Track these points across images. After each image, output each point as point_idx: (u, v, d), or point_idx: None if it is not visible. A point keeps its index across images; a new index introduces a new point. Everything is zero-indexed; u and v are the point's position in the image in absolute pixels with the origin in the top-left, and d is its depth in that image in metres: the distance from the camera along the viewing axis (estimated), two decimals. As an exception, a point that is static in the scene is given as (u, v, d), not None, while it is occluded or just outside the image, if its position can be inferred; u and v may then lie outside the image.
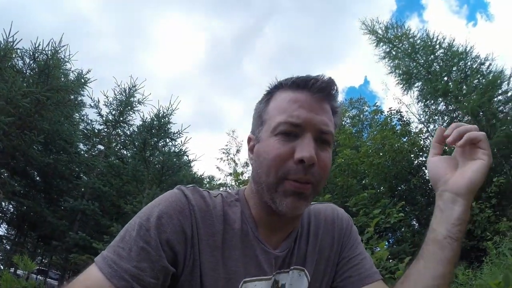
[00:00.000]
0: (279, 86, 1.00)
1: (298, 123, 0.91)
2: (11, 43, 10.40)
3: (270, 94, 1.02)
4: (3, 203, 14.55)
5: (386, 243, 5.83)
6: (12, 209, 15.86)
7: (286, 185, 0.89)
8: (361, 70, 69.45)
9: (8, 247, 17.92)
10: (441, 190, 0.92)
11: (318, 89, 0.94)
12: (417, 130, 14.95)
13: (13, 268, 14.53)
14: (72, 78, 14.46)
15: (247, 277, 0.93)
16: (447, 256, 0.86)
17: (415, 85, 15.52)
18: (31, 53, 12.20)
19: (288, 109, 0.93)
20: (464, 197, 0.87)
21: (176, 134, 13.13)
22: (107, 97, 16.14)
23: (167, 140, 13.40)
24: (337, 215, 1.16)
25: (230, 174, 20.79)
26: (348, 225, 1.16)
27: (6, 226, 18.20)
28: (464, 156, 0.92)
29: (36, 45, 11.97)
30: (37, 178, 15.26)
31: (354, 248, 1.12)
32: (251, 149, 1.04)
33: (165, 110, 12.95)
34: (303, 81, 0.95)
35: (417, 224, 12.64)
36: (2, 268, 14.58)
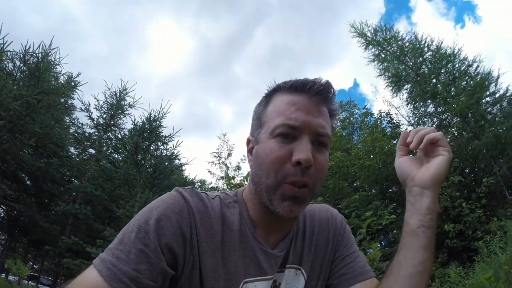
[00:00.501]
0: (278, 89, 1.03)
1: (296, 125, 0.93)
2: (1, 46, 10.30)
3: (268, 96, 1.05)
4: (-7, 208, 14.40)
5: (378, 245, 5.87)
6: (2, 213, 15.64)
7: (285, 188, 0.92)
8: (350, 73, 69.62)
9: (-1, 253, 17.72)
10: (410, 186, 0.99)
11: (316, 92, 0.97)
12: (407, 132, 14.93)
13: (4, 274, 14.38)
14: (63, 81, 14.39)
15: (248, 277, 0.95)
16: (422, 244, 0.92)
17: (404, 88, 15.55)
18: (21, 56, 12.10)
19: (286, 111, 0.96)
20: (431, 189, 0.95)
21: (168, 138, 13.09)
22: (97, 101, 16.00)
23: (159, 143, 13.34)
24: (331, 215, 1.20)
25: (222, 177, 20.71)
26: (342, 224, 1.19)
27: (-4, 232, 17.99)
28: (427, 154, 1.00)
29: (27, 48, 11.90)
30: (28, 182, 15.02)
31: (348, 247, 1.15)
32: (250, 151, 1.07)
33: (156, 114, 12.92)
34: (301, 84, 0.99)
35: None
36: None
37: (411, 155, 1.06)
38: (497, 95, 12.76)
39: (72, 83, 14.14)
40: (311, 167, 0.92)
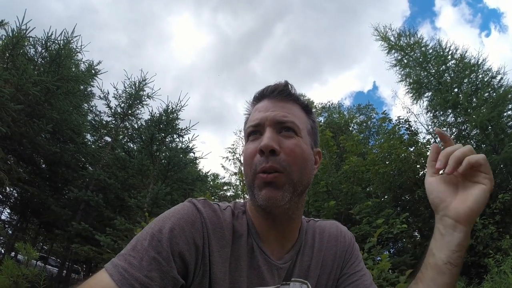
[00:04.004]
0: (250, 108, 1.15)
1: (257, 122, 1.03)
2: (24, 31, 10.42)
3: (246, 118, 1.15)
4: (8, 188, 14.58)
5: (387, 255, 5.81)
6: (16, 194, 15.87)
7: (258, 179, 0.96)
8: (370, 75, 69.13)
9: (10, 232, 18.01)
10: (442, 214, 0.90)
11: (271, 92, 1.07)
12: (424, 141, 14.78)
13: (14, 253, 14.61)
14: (83, 69, 14.55)
15: (250, 287, 0.96)
16: (446, 282, 0.86)
17: (425, 95, 15.44)
18: (43, 42, 12.26)
19: (251, 117, 1.08)
20: (465, 224, 0.86)
21: (184, 131, 13.20)
22: (116, 90, 16.14)
23: (175, 136, 13.45)
24: (341, 232, 1.21)
25: (235, 173, 20.80)
26: (350, 242, 1.21)
27: (9, 211, 18.28)
28: (464, 176, 0.89)
29: (49, 34, 12.03)
30: (43, 166, 15.24)
31: (355, 265, 1.15)
32: None
33: (173, 106, 12.99)
34: (260, 92, 1.11)
35: (419, 236, 12.54)
36: (3, 252, 14.70)
37: (444, 174, 0.92)
38: (519, 109, 12.53)
39: (92, 71, 14.29)
40: (276, 153, 0.96)
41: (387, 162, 13.15)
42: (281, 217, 1.01)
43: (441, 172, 0.92)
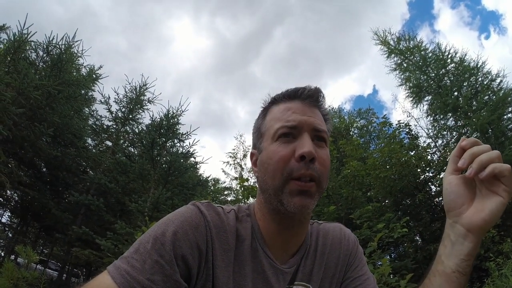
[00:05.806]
0: (273, 101, 1.09)
1: (294, 125, 0.98)
2: (25, 35, 10.43)
3: (265, 109, 1.11)
4: (8, 192, 14.57)
5: (388, 259, 5.81)
6: (16, 198, 15.85)
7: (292, 185, 0.93)
8: (370, 79, 69.02)
9: (11, 235, 18.00)
10: (454, 221, 0.87)
11: (307, 96, 1.04)
12: (425, 145, 14.69)
13: (14, 256, 14.60)
14: (84, 73, 14.55)
15: None
16: None
17: (425, 99, 15.38)
18: (44, 46, 12.27)
19: (283, 116, 1.01)
20: (476, 235, 0.83)
21: (185, 135, 13.17)
22: (117, 94, 16.17)
23: (175, 140, 13.43)
24: (344, 235, 1.19)
25: (236, 178, 20.80)
26: (354, 245, 1.18)
27: (9, 214, 18.27)
28: (483, 184, 0.85)
29: (50, 39, 12.04)
30: (44, 170, 15.21)
31: (359, 268, 1.14)
32: (254, 163, 1.10)
33: (174, 111, 12.99)
34: (293, 91, 1.06)
35: (420, 240, 12.47)
36: (4, 255, 14.71)
37: (464, 174, 0.86)
38: (519, 112, 12.49)
39: (93, 76, 14.32)
40: (314, 161, 0.94)
41: (387, 167, 13.07)
42: (294, 222, 1.01)
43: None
